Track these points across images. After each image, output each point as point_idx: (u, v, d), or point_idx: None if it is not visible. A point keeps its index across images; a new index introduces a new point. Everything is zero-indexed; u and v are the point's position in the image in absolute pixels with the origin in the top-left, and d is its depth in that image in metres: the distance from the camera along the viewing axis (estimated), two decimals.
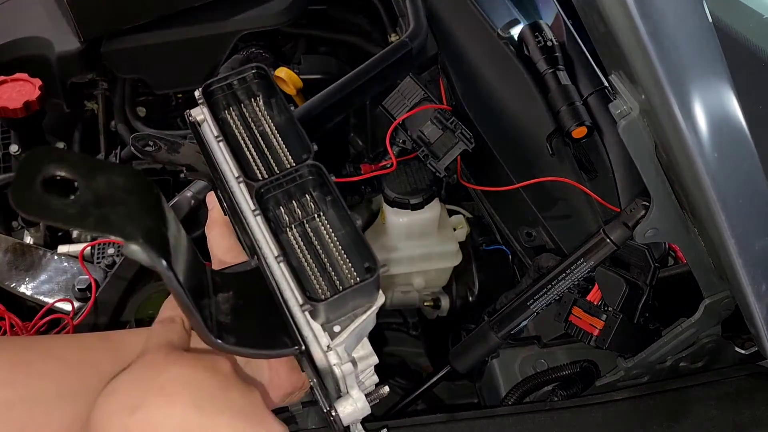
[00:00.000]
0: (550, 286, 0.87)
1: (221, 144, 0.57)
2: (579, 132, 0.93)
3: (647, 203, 0.76)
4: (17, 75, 1.12)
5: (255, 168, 0.55)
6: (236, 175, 0.55)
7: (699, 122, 0.59)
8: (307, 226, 0.54)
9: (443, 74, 1.19)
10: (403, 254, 1.15)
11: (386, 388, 0.55)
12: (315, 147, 0.55)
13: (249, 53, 1.28)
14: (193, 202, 0.96)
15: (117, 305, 0.92)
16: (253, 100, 0.60)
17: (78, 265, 0.97)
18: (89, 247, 1.01)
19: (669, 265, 0.95)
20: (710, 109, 0.60)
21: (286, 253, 0.51)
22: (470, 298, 1.22)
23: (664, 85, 0.58)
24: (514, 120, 1.04)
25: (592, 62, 1.00)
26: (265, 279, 0.53)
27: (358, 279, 0.50)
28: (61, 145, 1.25)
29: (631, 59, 0.60)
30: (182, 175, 0.69)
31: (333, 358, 0.50)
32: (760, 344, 0.74)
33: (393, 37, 1.31)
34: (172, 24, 1.24)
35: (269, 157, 0.56)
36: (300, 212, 0.54)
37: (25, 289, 0.95)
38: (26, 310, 0.96)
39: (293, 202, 0.54)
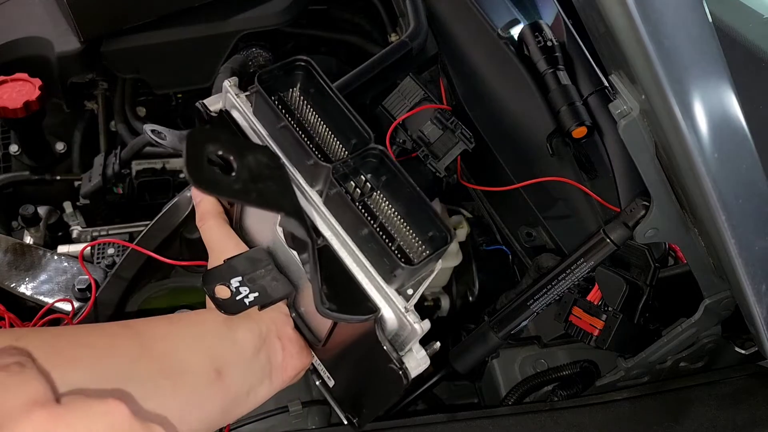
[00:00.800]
0: (550, 286, 0.87)
1: (279, 131, 0.60)
2: (579, 132, 0.93)
3: (647, 203, 0.76)
4: (17, 75, 1.12)
5: (312, 153, 0.57)
6: (305, 159, 0.58)
7: (699, 122, 0.59)
8: (368, 201, 0.57)
9: (443, 74, 1.19)
10: None
11: (438, 344, 0.60)
12: (373, 133, 0.58)
13: (249, 53, 1.28)
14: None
15: (117, 305, 0.92)
16: (294, 87, 0.62)
17: (78, 265, 0.97)
18: (89, 247, 1.01)
19: (669, 265, 0.95)
20: (710, 109, 0.60)
21: (372, 224, 0.55)
22: (470, 298, 1.22)
23: (664, 85, 0.58)
24: (514, 120, 1.04)
25: (592, 62, 1.00)
26: (335, 255, 0.57)
27: (423, 246, 0.55)
28: (60, 145, 1.25)
29: (631, 59, 0.60)
30: (182, 174, 0.70)
31: (412, 317, 0.55)
32: (760, 344, 0.74)
33: (393, 37, 1.31)
34: (172, 24, 1.24)
35: (319, 142, 0.60)
36: (359, 190, 0.58)
37: (25, 289, 0.95)
38: (26, 310, 0.96)
39: (350, 181, 0.57)
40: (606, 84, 0.96)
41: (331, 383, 0.68)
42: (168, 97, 1.36)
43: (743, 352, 0.87)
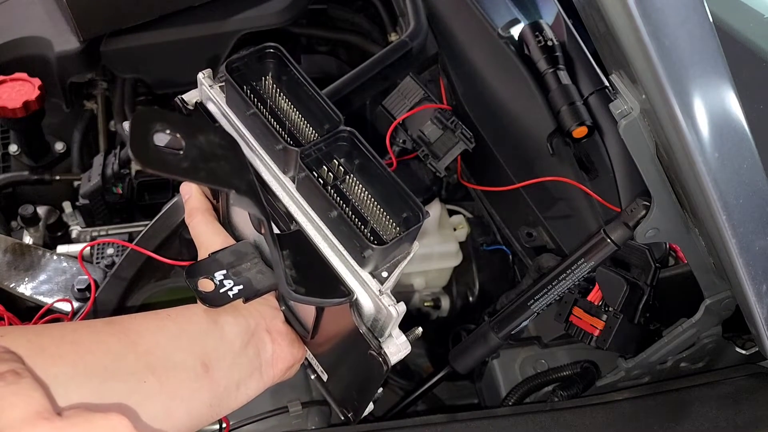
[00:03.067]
0: (550, 286, 0.87)
1: (249, 119, 0.59)
2: (579, 132, 0.93)
3: (648, 203, 0.75)
4: (16, 75, 1.12)
5: (281, 138, 0.57)
6: (274, 145, 0.57)
7: (699, 122, 0.59)
8: (341, 186, 0.57)
9: (443, 74, 1.19)
10: None
11: (420, 329, 0.59)
12: (343, 116, 0.58)
13: None
14: None
15: (116, 305, 0.92)
16: (266, 76, 0.61)
17: (77, 265, 0.97)
18: (88, 248, 1.01)
19: (670, 265, 0.95)
20: (711, 108, 0.60)
21: (341, 207, 0.55)
22: (470, 299, 1.22)
23: (665, 85, 0.58)
24: (515, 120, 1.04)
25: (593, 62, 1.00)
26: (308, 239, 0.57)
27: (397, 228, 0.55)
28: (60, 145, 1.25)
29: (632, 59, 0.60)
30: None
31: (387, 300, 0.54)
32: (761, 344, 0.74)
33: (393, 37, 1.31)
34: (171, 24, 1.24)
35: (291, 128, 0.59)
36: (331, 175, 0.57)
37: (25, 289, 0.95)
38: (25, 310, 0.96)
39: (323, 166, 0.57)
40: (606, 84, 0.96)
41: (325, 377, 0.68)
42: (167, 97, 1.36)
43: (744, 352, 0.87)
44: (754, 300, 0.68)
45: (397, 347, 0.56)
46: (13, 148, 1.21)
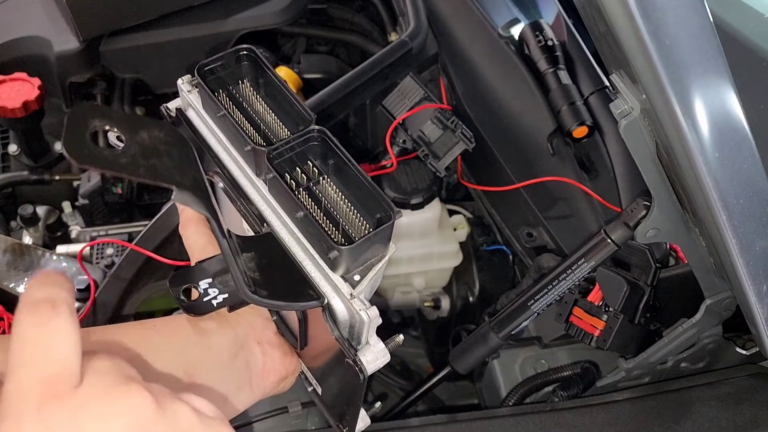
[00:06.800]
0: (550, 286, 0.87)
1: (221, 121, 0.59)
2: (580, 132, 0.93)
3: (648, 203, 0.75)
4: (16, 74, 1.12)
5: (248, 139, 0.57)
6: (244, 146, 0.57)
7: (700, 122, 0.59)
8: (314, 188, 0.56)
9: (443, 74, 1.19)
10: (403, 254, 1.15)
11: (401, 336, 0.56)
12: (315, 115, 0.57)
13: None
14: None
15: (116, 306, 0.92)
16: (244, 80, 0.61)
17: (77, 265, 0.97)
18: (88, 248, 1.01)
19: (670, 265, 0.95)
20: (711, 108, 0.60)
21: (308, 208, 0.53)
22: (471, 299, 1.22)
23: (665, 85, 0.58)
24: (515, 120, 1.04)
25: (593, 61, 0.99)
26: (278, 242, 0.56)
27: (371, 230, 0.53)
28: (59, 145, 1.25)
29: (632, 58, 0.60)
30: None
31: (358, 305, 0.52)
32: (761, 345, 0.74)
33: (393, 37, 1.31)
34: (171, 23, 1.24)
35: (265, 130, 0.59)
36: (305, 177, 0.56)
37: (24, 289, 0.94)
38: None
39: (297, 168, 0.56)
40: (607, 83, 0.96)
41: (319, 390, 0.67)
42: (167, 97, 1.36)
43: (744, 352, 0.87)
44: (755, 300, 0.68)
45: (374, 355, 0.53)
46: (12, 148, 1.21)
